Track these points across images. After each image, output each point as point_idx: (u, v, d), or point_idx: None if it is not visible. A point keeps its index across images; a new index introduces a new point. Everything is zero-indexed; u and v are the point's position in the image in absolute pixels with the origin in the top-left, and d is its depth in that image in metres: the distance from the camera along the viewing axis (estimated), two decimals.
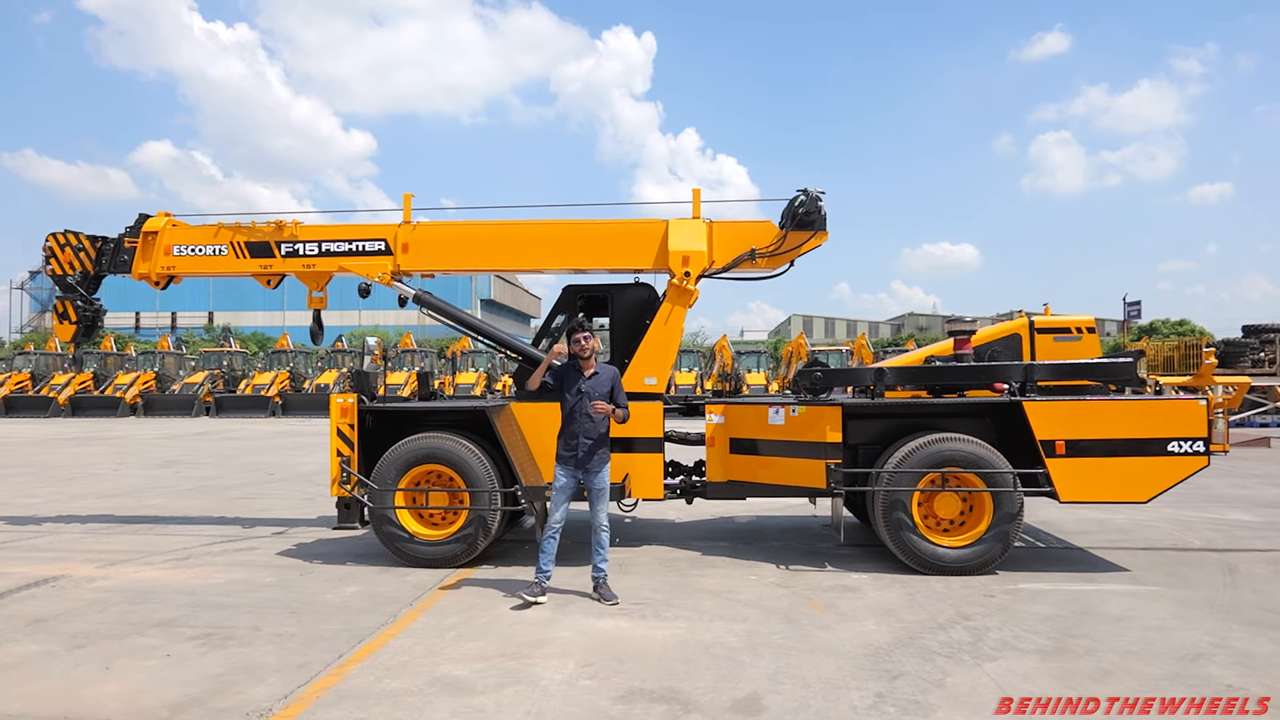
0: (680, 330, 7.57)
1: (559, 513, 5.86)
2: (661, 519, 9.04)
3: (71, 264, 8.24)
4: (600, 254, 7.74)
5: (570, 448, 5.85)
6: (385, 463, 6.80)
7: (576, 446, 5.83)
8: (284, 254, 7.96)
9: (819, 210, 7.42)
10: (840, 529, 6.73)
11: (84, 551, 7.41)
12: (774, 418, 7.05)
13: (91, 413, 31.43)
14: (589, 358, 5.91)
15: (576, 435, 5.84)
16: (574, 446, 5.84)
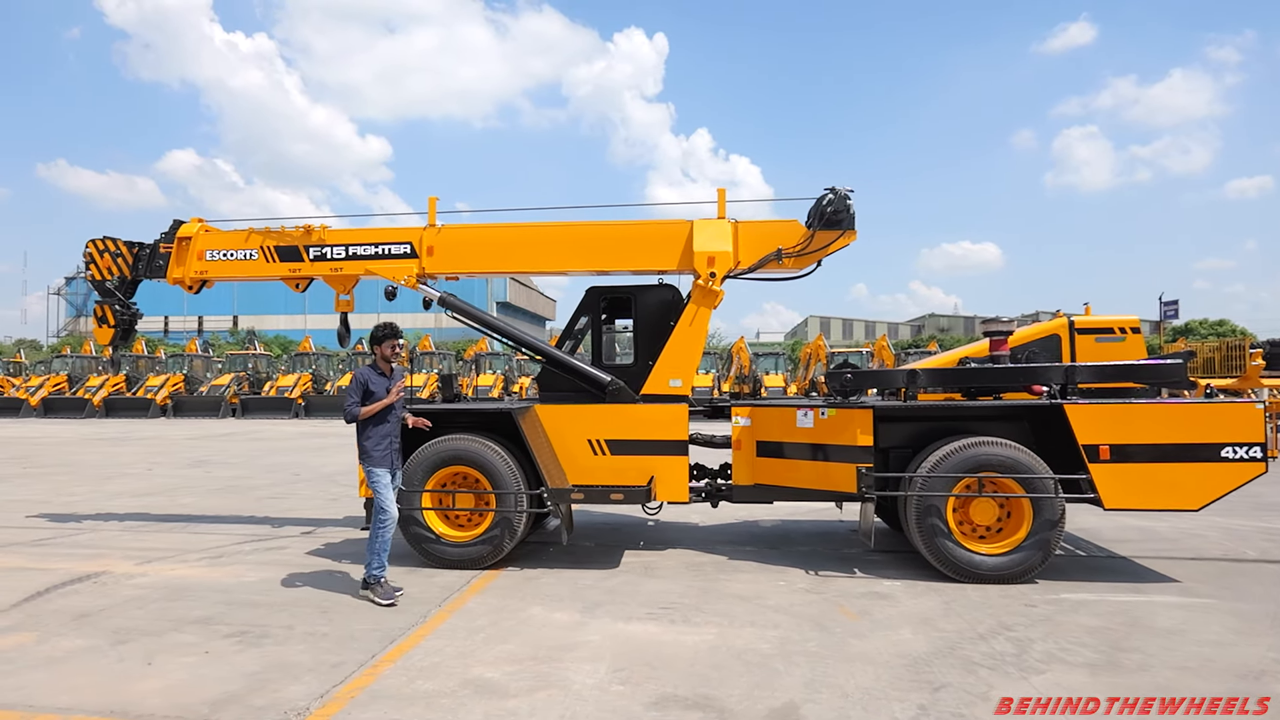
0: (705, 332, 7.53)
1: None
2: (686, 522, 8.98)
3: (110, 269, 8.35)
4: (624, 255, 7.71)
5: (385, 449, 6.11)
6: (412, 464, 6.81)
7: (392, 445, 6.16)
8: (312, 258, 8.01)
9: (848, 209, 7.34)
10: (871, 535, 6.64)
11: (122, 549, 7.50)
12: (802, 420, 6.98)
13: (124, 414, 31.89)
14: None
15: (393, 436, 6.17)
16: (388, 447, 6.13)
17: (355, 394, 6.00)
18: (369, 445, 6.04)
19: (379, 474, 6.02)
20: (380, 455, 6.05)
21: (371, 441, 6.05)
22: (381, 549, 5.93)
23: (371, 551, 5.93)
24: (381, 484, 6.01)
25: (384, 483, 6.00)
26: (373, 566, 5.92)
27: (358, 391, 6.01)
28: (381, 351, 6.18)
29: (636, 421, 7.18)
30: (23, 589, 6.03)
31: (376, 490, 6.01)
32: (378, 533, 5.95)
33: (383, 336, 6.19)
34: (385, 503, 5.97)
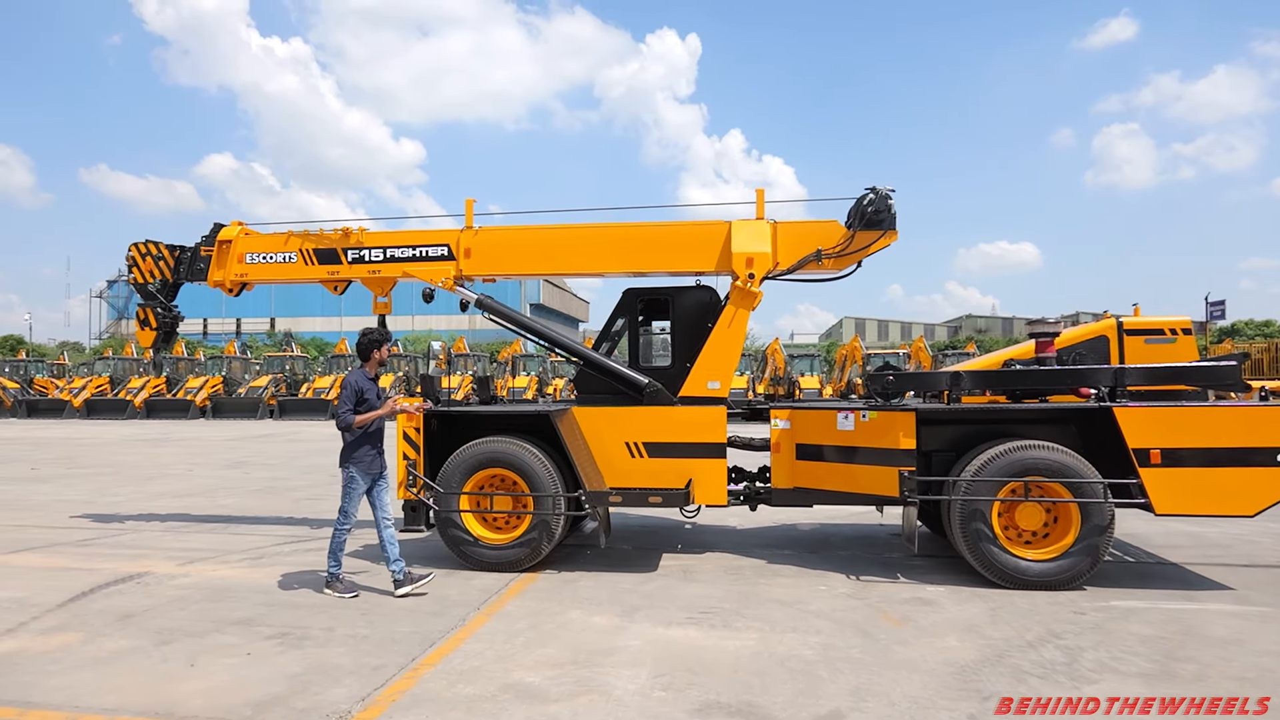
0: (743, 333, 7.45)
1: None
2: (723, 525, 8.90)
3: (152, 273, 8.48)
4: (662, 256, 7.66)
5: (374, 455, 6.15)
6: (450, 466, 6.81)
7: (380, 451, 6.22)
8: (350, 260, 8.06)
9: (889, 209, 7.22)
10: (914, 539, 6.52)
11: (164, 549, 7.59)
12: (843, 423, 6.87)
13: (164, 414, 32.49)
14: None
15: (381, 440, 6.22)
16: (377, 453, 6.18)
17: (349, 401, 5.99)
18: (358, 452, 6.04)
19: (358, 481, 6.03)
20: (368, 461, 6.07)
21: (361, 449, 6.05)
22: (338, 548, 6.10)
23: (330, 554, 6.12)
24: (356, 491, 6.04)
25: (358, 490, 6.04)
26: (330, 565, 6.13)
27: (351, 399, 6.00)
28: (380, 356, 6.22)
29: (674, 424, 7.13)
30: (68, 589, 6.12)
31: (347, 495, 6.07)
32: (335, 534, 6.09)
33: (373, 343, 6.22)
34: (350, 506, 6.06)
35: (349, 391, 6.02)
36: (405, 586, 5.98)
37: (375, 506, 6.16)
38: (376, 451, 6.13)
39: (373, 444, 6.11)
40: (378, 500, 6.14)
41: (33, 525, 8.83)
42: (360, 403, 6.03)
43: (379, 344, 6.22)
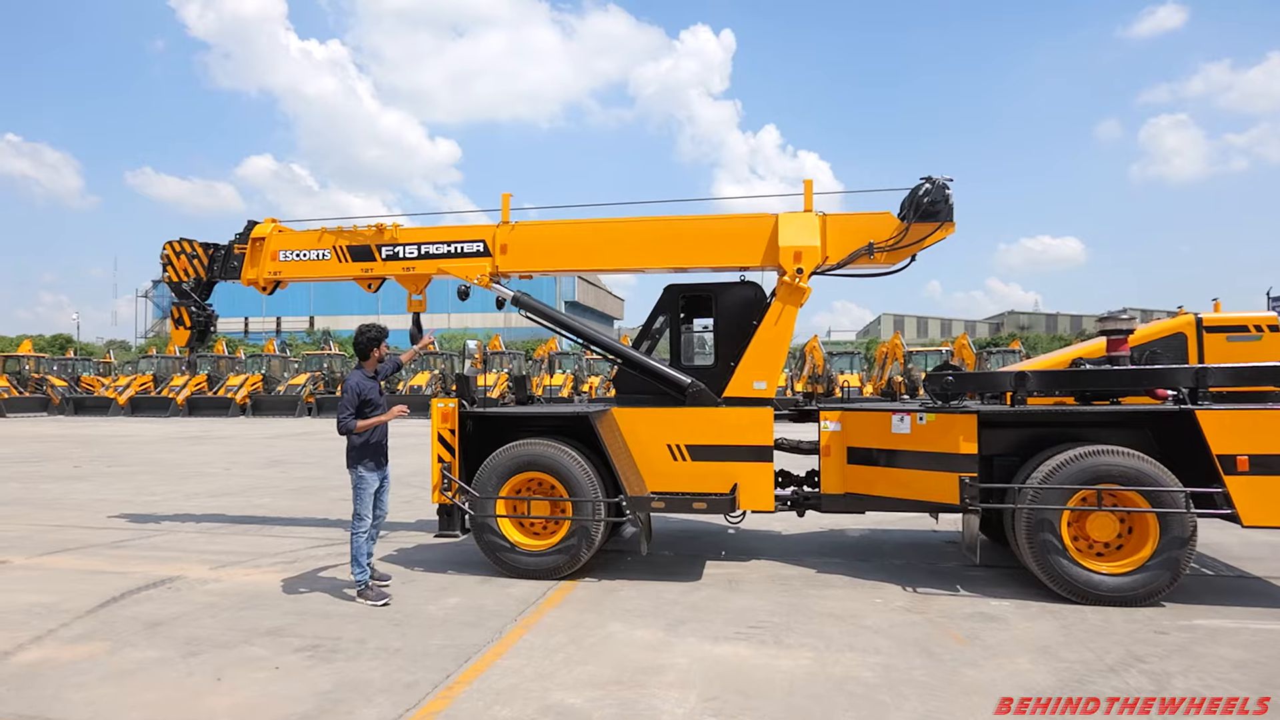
0: (791, 331, 7.11)
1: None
2: (768, 530, 8.57)
3: (186, 271, 8.36)
4: (705, 251, 7.34)
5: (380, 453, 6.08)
6: (486, 469, 6.57)
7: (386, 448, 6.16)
8: (384, 257, 7.86)
9: (946, 199, 6.85)
10: (976, 549, 6.13)
11: (198, 552, 7.47)
12: (899, 426, 6.51)
13: (206, 412, 32.92)
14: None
15: (386, 438, 6.16)
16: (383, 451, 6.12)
17: (350, 405, 5.86)
18: (363, 452, 5.92)
19: (369, 480, 5.92)
20: (374, 459, 5.97)
21: (367, 449, 5.93)
22: (359, 554, 5.88)
23: (351, 557, 5.91)
24: (367, 491, 5.92)
25: (369, 491, 5.93)
26: (355, 574, 5.90)
27: (353, 403, 5.86)
28: (379, 354, 6.13)
29: (719, 425, 6.82)
30: (99, 593, 5.98)
31: (359, 497, 5.95)
32: (353, 539, 5.90)
33: (371, 341, 6.10)
34: (363, 509, 5.90)
35: (350, 394, 5.88)
36: (363, 598, 5.84)
37: (375, 504, 6.06)
38: (383, 451, 6.05)
39: (379, 444, 6.02)
40: (379, 499, 6.08)
41: (71, 525, 8.79)
42: (363, 404, 5.90)
43: (377, 342, 6.10)
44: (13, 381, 34.62)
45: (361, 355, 6.14)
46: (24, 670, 4.52)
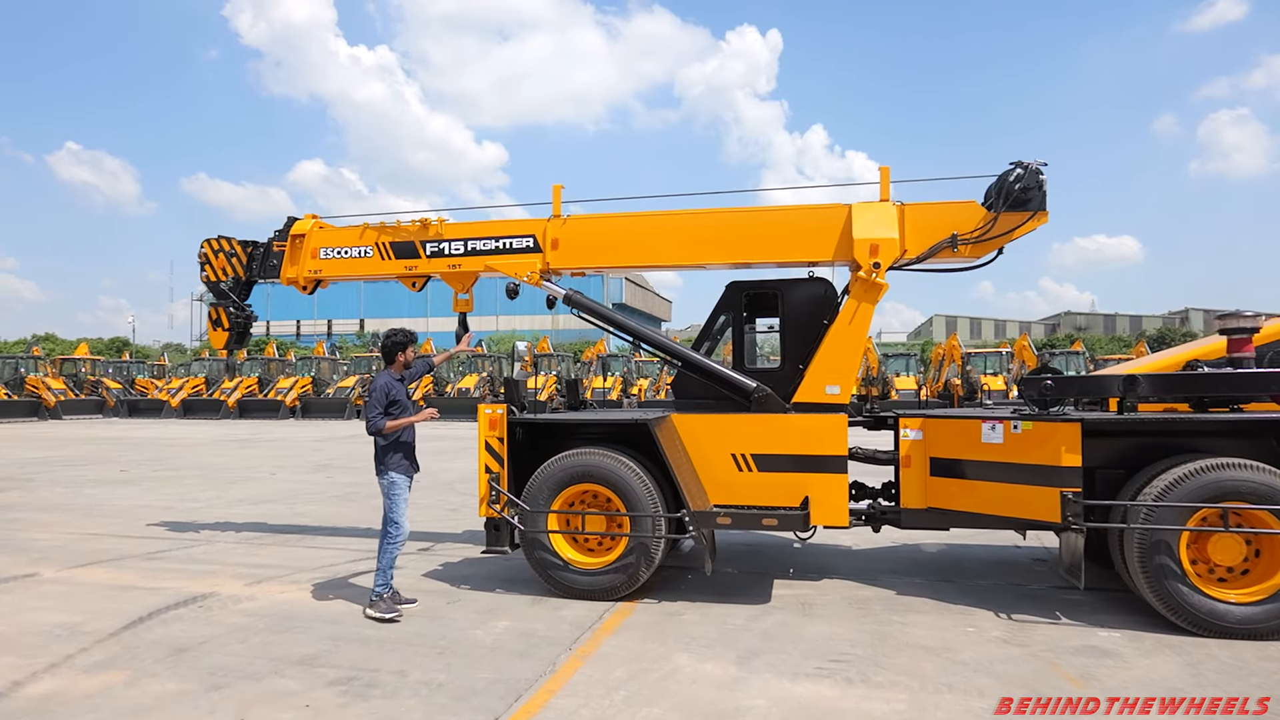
0: (866, 331, 6.54)
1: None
2: (837, 545, 7.97)
3: (224, 270, 8.06)
4: (772, 246, 6.79)
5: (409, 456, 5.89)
6: (537, 481, 6.10)
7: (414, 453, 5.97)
8: (429, 254, 7.46)
9: (1039, 185, 6.23)
10: (1080, 573, 5.47)
11: (234, 565, 7.13)
12: (990, 435, 5.88)
13: (256, 415, 33.24)
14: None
15: (414, 442, 5.96)
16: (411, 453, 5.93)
17: (379, 405, 5.67)
18: (393, 455, 5.75)
19: (401, 485, 5.75)
20: (404, 465, 5.80)
21: (398, 452, 5.79)
22: (388, 565, 5.65)
23: (379, 567, 5.65)
24: (401, 498, 5.74)
25: (404, 496, 5.76)
26: (377, 583, 5.65)
27: (381, 403, 5.66)
28: (406, 357, 5.95)
29: (788, 433, 6.27)
30: (126, 613, 5.63)
31: (395, 504, 5.70)
32: (387, 548, 5.66)
33: (405, 343, 5.94)
34: (399, 515, 5.70)
35: (378, 394, 5.67)
36: (376, 610, 5.55)
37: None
38: (410, 452, 5.89)
39: (407, 447, 5.85)
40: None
41: (108, 534, 8.55)
42: (391, 404, 5.69)
43: (404, 345, 5.91)
44: (69, 384, 35.35)
45: (388, 359, 5.94)
46: (32, 706, 4.12)
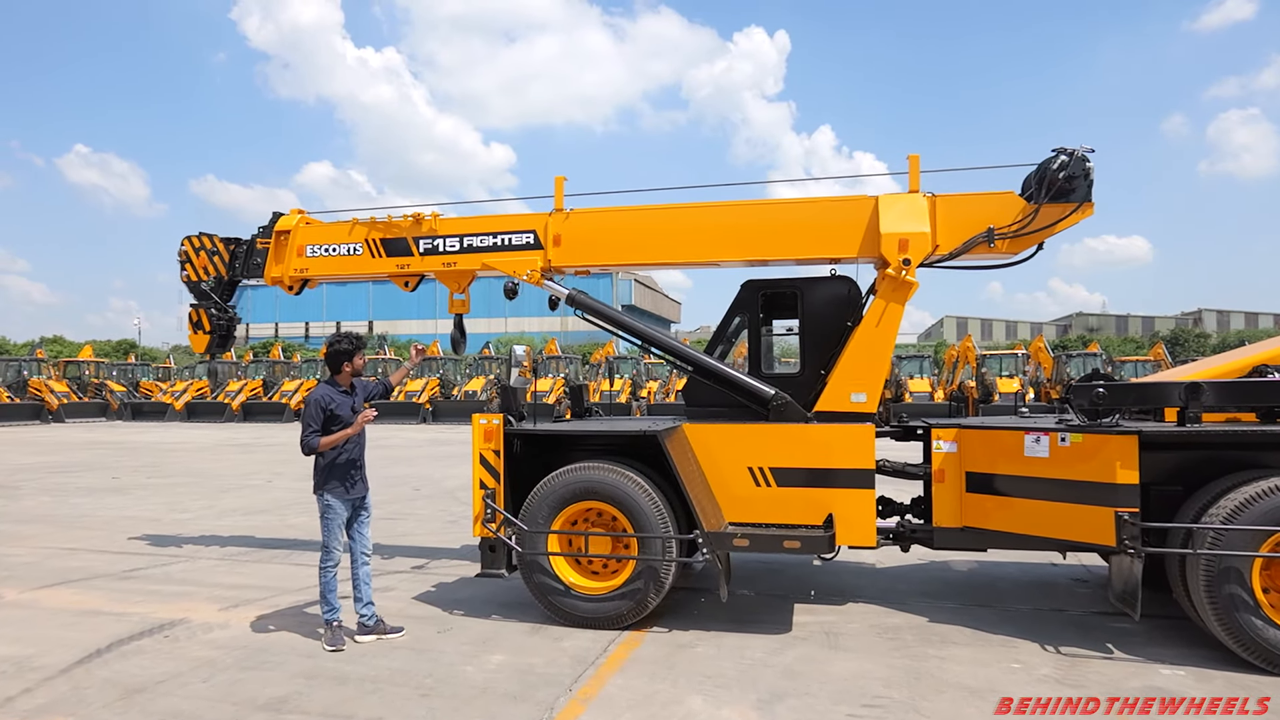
0: (895, 332, 6.00)
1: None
2: (860, 563, 7.43)
3: (206, 269, 7.59)
4: (791, 241, 6.28)
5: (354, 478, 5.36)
6: (537, 498, 5.59)
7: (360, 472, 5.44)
8: (422, 251, 6.96)
9: (1086, 174, 5.70)
10: (1137, 602, 4.92)
11: (211, 586, 6.64)
12: (1034, 448, 5.34)
13: (260, 418, 32.87)
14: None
15: (360, 460, 5.44)
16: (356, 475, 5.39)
17: (315, 421, 5.16)
18: (330, 475, 5.25)
19: (336, 509, 5.25)
20: (343, 486, 5.29)
21: (335, 471, 5.25)
22: (327, 590, 5.23)
23: (320, 595, 5.27)
24: (335, 522, 5.25)
25: (337, 521, 5.26)
26: (323, 612, 5.27)
27: (317, 418, 5.16)
28: (353, 366, 5.44)
29: (810, 445, 5.74)
30: (83, 644, 5.13)
31: (325, 527, 5.26)
32: (321, 573, 5.26)
33: (353, 349, 5.37)
34: (332, 541, 5.25)
35: (313, 409, 5.17)
36: (370, 635, 5.27)
37: (354, 539, 5.38)
38: (355, 474, 5.37)
39: (348, 466, 5.32)
40: (357, 532, 5.40)
41: (85, 549, 8.07)
42: (330, 420, 5.17)
43: (349, 354, 5.35)
44: (72, 387, 35.03)
45: (333, 368, 5.40)
46: None
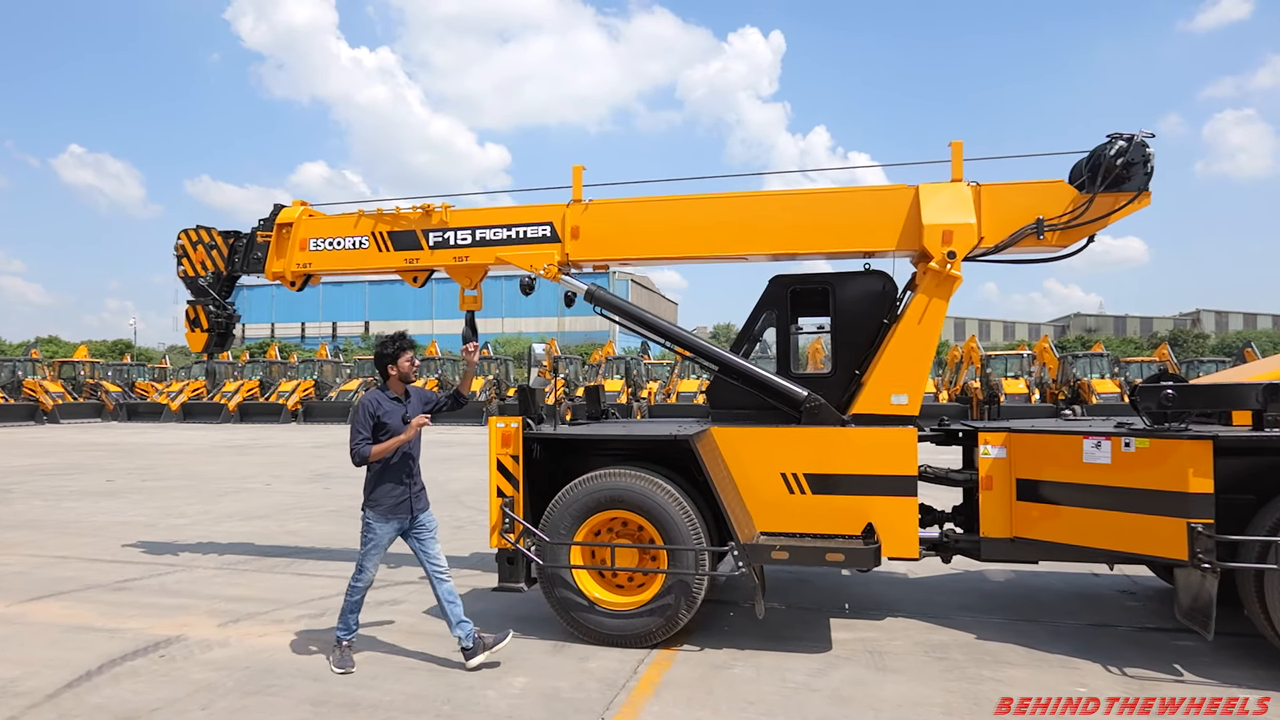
0: (938, 330, 5.66)
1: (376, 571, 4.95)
2: (892, 574, 7.08)
3: (203, 264, 7.21)
4: (826, 233, 5.93)
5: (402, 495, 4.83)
6: (559, 507, 5.23)
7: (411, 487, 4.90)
8: (432, 245, 6.60)
9: (1145, 160, 5.37)
10: (1210, 621, 4.58)
11: (210, 598, 6.26)
12: (1094, 453, 4.99)
13: (257, 418, 32.43)
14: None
15: (413, 474, 4.92)
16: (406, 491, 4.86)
17: (364, 427, 4.73)
18: (381, 492, 4.80)
19: (375, 531, 4.79)
20: (393, 503, 4.80)
21: (385, 487, 4.80)
22: (350, 609, 4.86)
23: (341, 611, 4.89)
24: (372, 543, 4.80)
25: (375, 543, 4.80)
26: (337, 628, 4.89)
27: (366, 424, 4.74)
28: (399, 369, 4.86)
29: (847, 450, 5.40)
30: (74, 664, 4.75)
31: (363, 544, 4.81)
32: (349, 589, 4.88)
33: (395, 351, 4.88)
34: (366, 561, 4.83)
35: (361, 415, 4.75)
36: (478, 655, 4.74)
37: (424, 559, 4.88)
38: (407, 488, 4.87)
39: (399, 478, 4.83)
40: (425, 551, 4.89)
41: (77, 557, 7.68)
42: (377, 429, 4.73)
43: (392, 358, 4.88)
44: (68, 388, 34.56)
45: (381, 372, 4.96)
46: None
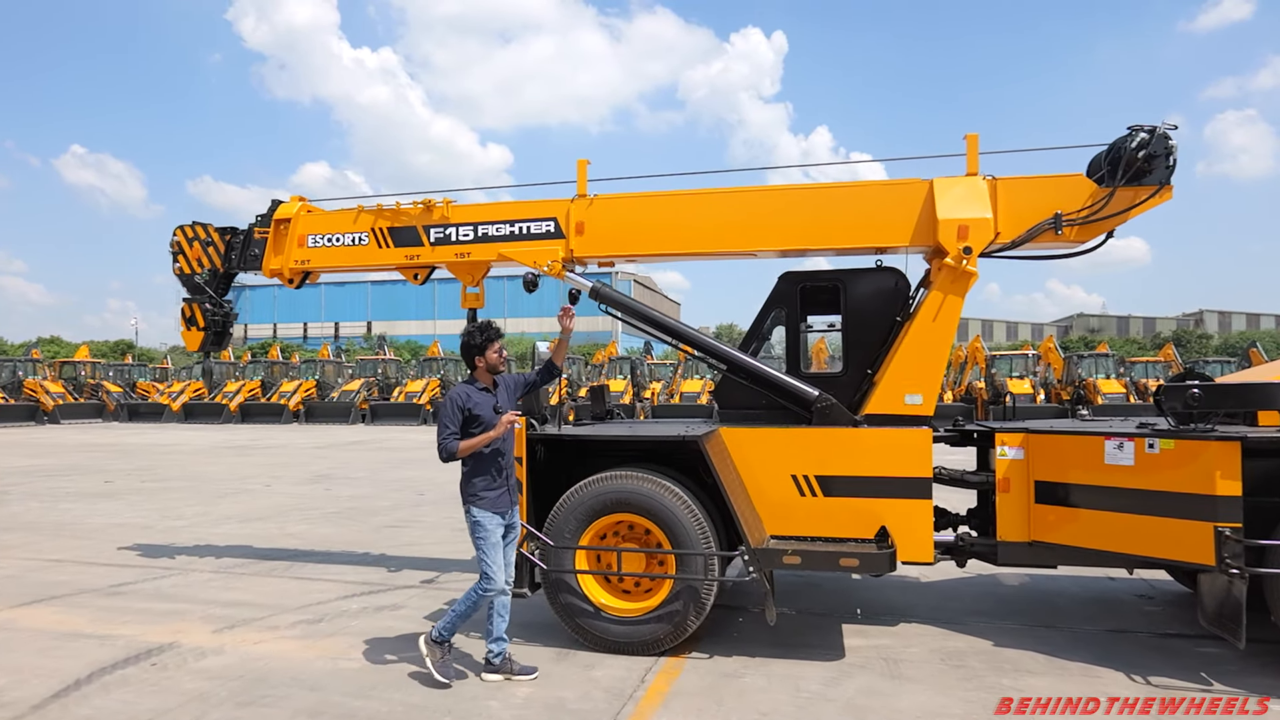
0: (953, 329, 5.51)
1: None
2: (902, 578, 6.90)
3: (200, 260, 7.06)
4: (837, 229, 5.77)
5: (499, 490, 4.59)
6: (564, 510, 5.08)
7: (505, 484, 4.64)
8: (433, 241, 6.45)
9: (1168, 153, 5.21)
10: (1241, 629, 4.41)
11: (206, 603, 6.12)
12: (1116, 455, 4.83)
13: (259, 419, 32.33)
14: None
15: (504, 471, 4.63)
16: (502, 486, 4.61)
17: (452, 422, 4.48)
18: (480, 485, 4.55)
19: (486, 526, 4.52)
20: (494, 496, 4.56)
21: (484, 480, 4.55)
22: (459, 613, 4.56)
23: (453, 612, 4.58)
24: (488, 540, 4.51)
25: (491, 540, 4.52)
26: (441, 627, 4.58)
27: (455, 419, 4.46)
28: (487, 360, 4.63)
29: (860, 451, 5.25)
30: (62, 673, 4.61)
31: (480, 550, 4.51)
32: (469, 596, 4.55)
33: (483, 342, 4.63)
34: (491, 569, 4.50)
35: (449, 409, 4.50)
36: (498, 675, 4.57)
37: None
38: (507, 480, 4.64)
39: (490, 473, 4.57)
40: (504, 556, 4.65)
41: (71, 560, 7.54)
42: (469, 422, 4.49)
43: (481, 348, 4.63)
44: (68, 388, 34.47)
45: (469, 364, 4.72)
46: None
